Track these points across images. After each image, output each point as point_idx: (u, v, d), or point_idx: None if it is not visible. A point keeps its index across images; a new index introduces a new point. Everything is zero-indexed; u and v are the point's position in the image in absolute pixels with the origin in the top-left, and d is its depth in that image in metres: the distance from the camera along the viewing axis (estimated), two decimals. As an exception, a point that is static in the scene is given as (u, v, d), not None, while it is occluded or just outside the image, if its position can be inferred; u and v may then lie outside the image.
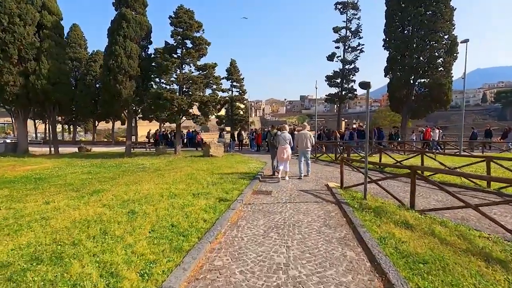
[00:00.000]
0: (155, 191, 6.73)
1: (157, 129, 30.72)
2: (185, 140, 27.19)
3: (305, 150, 8.99)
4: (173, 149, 17.86)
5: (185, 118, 17.69)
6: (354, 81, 24.62)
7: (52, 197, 6.33)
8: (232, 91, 29.16)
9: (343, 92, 24.92)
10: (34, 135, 45.19)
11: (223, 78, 17.95)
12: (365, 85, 5.92)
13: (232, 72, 28.31)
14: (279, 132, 8.97)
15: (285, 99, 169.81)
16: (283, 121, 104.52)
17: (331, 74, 24.98)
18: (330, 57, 24.92)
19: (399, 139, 18.60)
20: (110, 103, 16.21)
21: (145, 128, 34.79)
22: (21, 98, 16.34)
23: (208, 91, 17.97)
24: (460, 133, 14.57)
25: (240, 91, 29.36)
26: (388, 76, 21.94)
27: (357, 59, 24.62)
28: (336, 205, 5.78)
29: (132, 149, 22.69)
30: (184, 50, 16.65)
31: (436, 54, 19.85)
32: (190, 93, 16.44)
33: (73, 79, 35.28)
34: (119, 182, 8.19)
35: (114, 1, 16.75)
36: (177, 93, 16.68)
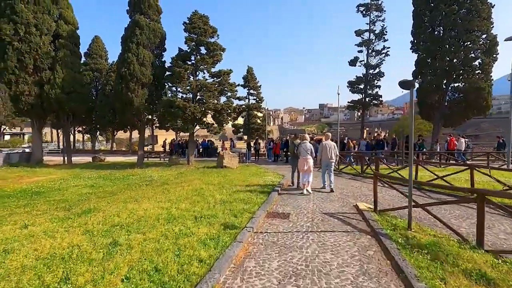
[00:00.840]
0: (152, 212, 5.78)
1: (173, 138, 30.40)
2: (200, 149, 26.68)
3: (329, 161, 8.39)
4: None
5: (198, 127, 16.97)
6: (379, 86, 23.10)
7: (35, 219, 5.52)
8: (249, 99, 28.38)
9: (367, 99, 23.37)
10: (56, 144, 46.51)
11: (238, 85, 17.12)
12: (407, 84, 4.75)
13: (249, 79, 27.56)
14: (299, 142, 8.48)
15: (304, 108, 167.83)
16: (301, 130, 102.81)
17: (354, 80, 23.55)
18: (353, 62, 23.57)
19: (424, 149, 16.86)
20: (122, 112, 15.80)
21: (167, 137, 34.45)
22: (35, 107, 16.31)
23: (223, 99, 17.22)
24: (508, 143, 12.71)
25: (257, 99, 28.49)
26: (416, 80, 20.26)
27: (382, 63, 23.16)
28: (373, 237, 4.53)
29: (146, 158, 22.34)
30: (198, 56, 16.04)
31: (473, 55, 18.03)
32: (204, 101, 15.70)
33: (94, 90, 36.19)
34: (118, 199, 7.35)
35: (128, 9, 16.55)
36: (191, 101, 16.02)
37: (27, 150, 22.79)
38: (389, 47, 22.88)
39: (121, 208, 6.24)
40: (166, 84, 16.87)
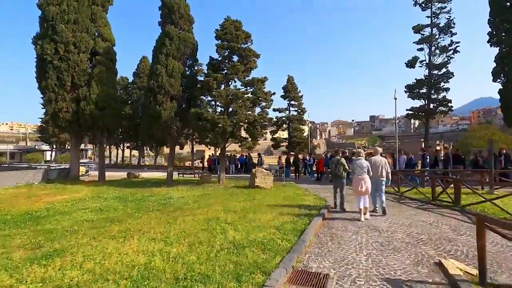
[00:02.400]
0: (128, 261, 4.21)
1: (211, 154, 29.66)
2: (238, 165, 25.32)
3: (379, 179, 7.43)
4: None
5: (230, 142, 15.51)
6: (447, 89, 19.16)
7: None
8: (290, 110, 26.39)
9: (431, 105, 19.60)
10: (114, 159, 49.46)
11: (274, 94, 15.32)
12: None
13: (289, 89, 25.71)
14: (338, 158, 8.01)
15: (353, 120, 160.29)
16: (350, 144, 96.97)
17: (413, 83, 20.07)
18: (411, 63, 20.20)
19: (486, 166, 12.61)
20: (150, 126, 15.12)
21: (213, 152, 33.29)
22: (72, 124, 16.58)
23: (257, 110, 15.60)
24: None
25: (299, 110, 26.37)
26: (498, 80, 16.33)
27: (450, 62, 19.34)
28: None
29: (181, 175, 21.63)
30: (229, 64, 14.78)
31: None
32: (236, 112, 14.22)
33: (141, 107, 37.81)
34: (109, 232, 5.95)
35: (160, 20, 16.22)
36: (223, 114, 14.71)
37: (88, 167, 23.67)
38: (458, 42, 19.12)
39: (97, 250, 4.76)
40: (197, 95, 15.89)
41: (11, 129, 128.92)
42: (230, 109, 14.57)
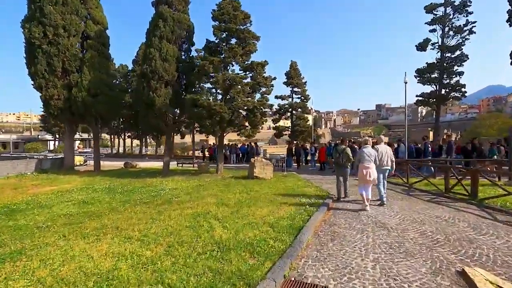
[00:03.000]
0: (92, 265, 3.62)
1: (213, 142, 29.01)
2: (239, 154, 24.65)
3: (383, 168, 7.26)
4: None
5: (230, 130, 14.80)
6: (460, 74, 17.97)
7: None
8: (293, 98, 25.43)
9: (443, 90, 18.49)
10: (116, 149, 49.10)
11: (273, 79, 14.42)
12: None
13: (292, 75, 24.67)
14: (343, 148, 7.71)
15: (359, 109, 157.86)
16: (356, 133, 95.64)
17: (424, 67, 18.90)
18: (422, 46, 18.98)
19: (495, 156, 11.99)
20: (144, 114, 14.44)
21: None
22: (65, 112, 15.98)
23: (257, 97, 14.78)
24: None
25: (302, 97, 25.39)
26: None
27: (464, 44, 18.09)
28: None
29: (180, 165, 21.06)
30: (226, 47, 13.88)
31: None
32: (234, 98, 13.42)
33: (135, 93, 36.94)
34: (83, 229, 5.36)
35: (153, 1, 15.27)
36: (221, 100, 13.94)
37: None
38: (474, 22, 17.76)
39: (61, 252, 4.17)
40: (193, 81, 15.08)
41: (18, 119, 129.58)
42: (228, 95, 13.78)
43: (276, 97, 25.02)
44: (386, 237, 4.76)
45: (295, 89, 25.33)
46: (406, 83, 12.16)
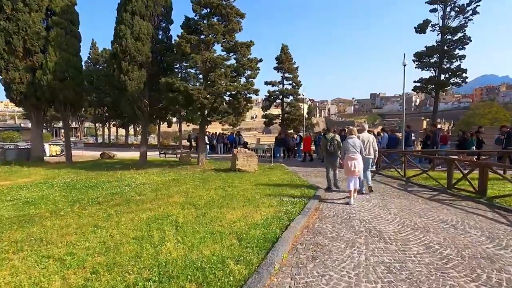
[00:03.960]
0: None
1: (209, 131, 27.69)
2: (228, 144, 23.50)
3: (366, 157, 7.11)
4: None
5: (211, 117, 13.58)
6: (462, 57, 16.91)
7: None
8: (284, 84, 24.14)
9: (443, 76, 17.43)
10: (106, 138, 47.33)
11: (259, 61, 13.14)
12: None
13: (283, 60, 23.29)
14: (332, 136, 7.67)
15: (353, 98, 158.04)
16: (350, 122, 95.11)
17: (423, 51, 17.74)
18: (421, 27, 17.77)
19: (473, 147, 11.80)
20: (116, 99, 13.12)
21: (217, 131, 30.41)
22: (29, 97, 14.49)
23: (243, 81, 13.51)
24: None
25: (294, 83, 24.10)
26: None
27: (467, 25, 16.96)
28: None
29: (164, 155, 19.86)
30: (207, 24, 12.49)
31: None
32: (215, 82, 12.14)
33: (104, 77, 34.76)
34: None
35: (125, -28, 13.66)
36: (201, 85, 12.66)
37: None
38: (479, 1, 16.54)
39: None
40: (171, 62, 13.72)
41: (6, 107, 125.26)
42: (209, 80, 12.48)
43: (266, 83, 23.70)
44: (383, 253, 3.74)
45: (286, 75, 24.01)
46: (405, 65, 11.05)
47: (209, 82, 12.43)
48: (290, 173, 10.65)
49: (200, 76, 13.35)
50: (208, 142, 21.73)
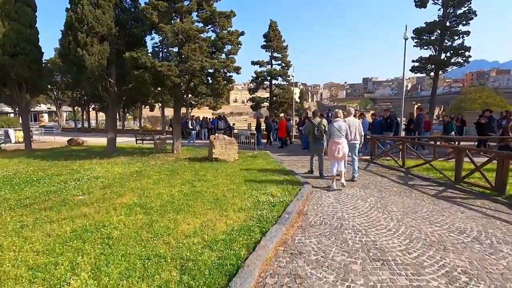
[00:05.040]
0: None
1: (183, 116, 26.03)
2: (214, 129, 21.99)
3: (351, 143, 6.76)
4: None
5: (186, 98, 12.07)
6: (465, 34, 15.58)
7: None
8: (272, 64, 22.51)
9: (443, 55, 16.14)
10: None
11: (240, 35, 11.57)
12: None
13: (272, 37, 21.54)
14: (319, 120, 7.42)
15: (346, 83, 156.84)
16: (342, 106, 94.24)
17: (423, 27, 16.32)
18: (421, 1, 16.28)
19: (453, 133, 12.29)
20: (75, 77, 11.43)
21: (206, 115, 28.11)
22: (-25, 75, 12.58)
23: (224, 58, 11.94)
24: None
25: (283, 64, 22.48)
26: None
27: (472, -2, 15.55)
28: None
29: (141, 142, 18.34)
30: (179, -11, 10.75)
31: None
32: (188, 57, 10.55)
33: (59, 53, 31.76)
34: None
35: None
36: (173, 61, 11.07)
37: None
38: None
39: None
40: (139, 35, 11.96)
41: None
42: (182, 55, 10.87)
43: (253, 63, 21.99)
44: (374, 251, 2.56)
45: (275, 54, 22.35)
46: (406, 39, 9.70)
47: (182, 58, 10.84)
48: (274, 163, 9.42)
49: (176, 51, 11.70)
50: (192, 127, 20.39)
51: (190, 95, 12.31)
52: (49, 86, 33.44)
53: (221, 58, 11.70)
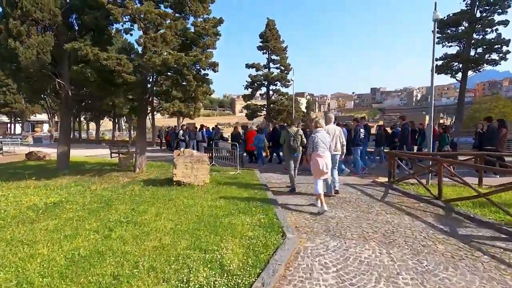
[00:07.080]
0: None
1: (172, 126, 23.79)
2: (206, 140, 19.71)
3: (334, 154, 6.06)
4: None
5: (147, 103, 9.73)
6: (503, 24, 12.68)
7: None
8: (269, 68, 20.19)
9: (473, 51, 13.38)
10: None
11: (219, 22, 9.28)
12: None
13: (269, 37, 19.27)
14: (296, 130, 6.97)
15: (353, 93, 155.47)
16: (349, 117, 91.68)
17: (448, 17, 13.60)
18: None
19: (447, 147, 9.75)
20: (13, 76, 9.24)
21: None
22: None
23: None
24: None
25: (282, 67, 20.13)
26: None
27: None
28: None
29: (117, 155, 16.00)
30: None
31: None
32: (147, 48, 8.25)
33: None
34: None
35: None
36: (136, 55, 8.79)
37: None
38: None
39: None
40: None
41: None
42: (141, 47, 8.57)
43: (247, 66, 19.66)
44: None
45: (273, 57, 20.05)
46: (435, 20, 7.12)
47: (142, 51, 8.54)
48: (255, 189, 6.88)
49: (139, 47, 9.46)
50: (182, 139, 18.29)
51: (158, 99, 9.96)
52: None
53: (194, 52, 9.39)
